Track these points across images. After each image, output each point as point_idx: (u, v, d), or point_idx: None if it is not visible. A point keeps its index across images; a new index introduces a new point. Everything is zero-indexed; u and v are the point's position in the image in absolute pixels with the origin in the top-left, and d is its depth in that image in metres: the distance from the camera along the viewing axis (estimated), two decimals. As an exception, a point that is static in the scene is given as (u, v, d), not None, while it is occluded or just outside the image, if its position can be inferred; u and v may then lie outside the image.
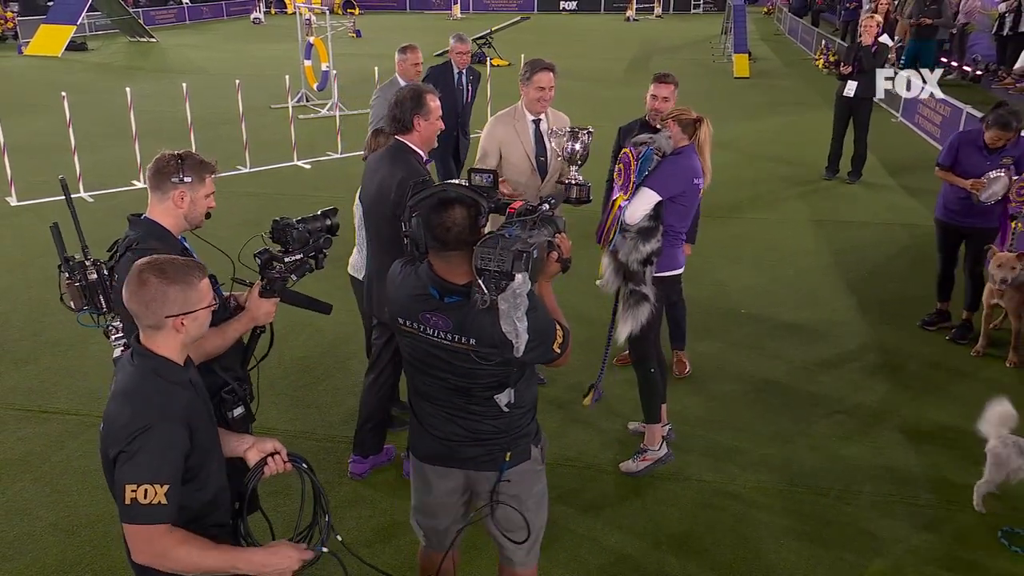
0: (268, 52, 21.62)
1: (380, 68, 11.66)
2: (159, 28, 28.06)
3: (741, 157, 10.58)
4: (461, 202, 2.27)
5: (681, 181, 3.67)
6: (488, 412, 2.43)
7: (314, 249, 2.71)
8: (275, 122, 12.19)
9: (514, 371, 2.38)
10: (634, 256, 3.67)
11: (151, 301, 2.04)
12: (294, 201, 8.59)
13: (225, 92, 13.11)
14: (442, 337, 2.33)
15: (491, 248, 2.15)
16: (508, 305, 2.18)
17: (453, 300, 2.30)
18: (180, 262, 2.09)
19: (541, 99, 4.25)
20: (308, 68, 14.02)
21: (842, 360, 5.25)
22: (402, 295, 2.41)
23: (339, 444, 4.32)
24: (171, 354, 2.11)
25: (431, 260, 2.35)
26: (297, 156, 10.17)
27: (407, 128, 3.54)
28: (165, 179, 2.65)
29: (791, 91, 15.83)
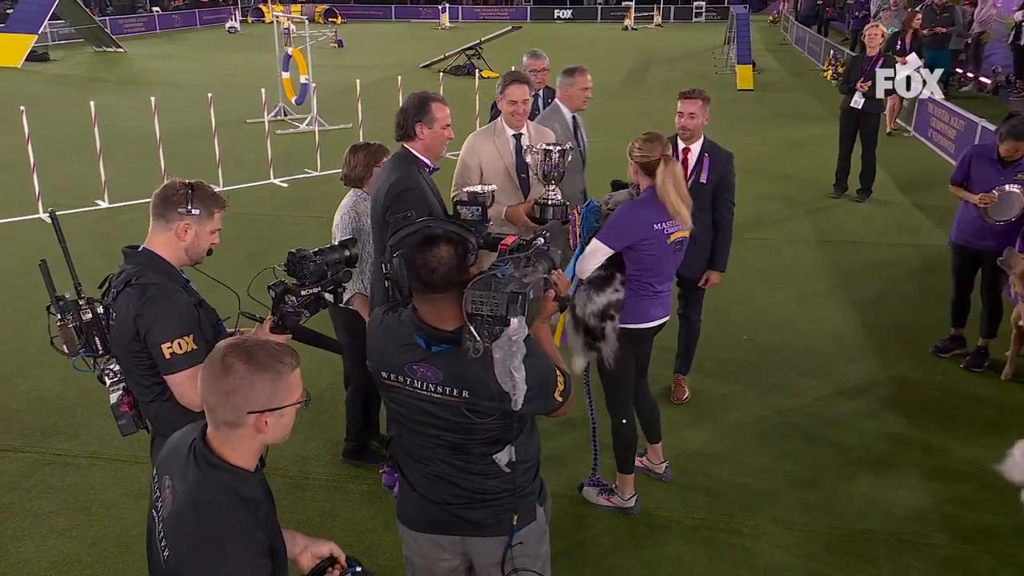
0: (244, 63, 21.80)
1: (363, 81, 11.78)
2: (127, 37, 28.28)
3: (743, 174, 10.59)
4: (447, 239, 2.22)
5: (637, 230, 3.56)
6: (489, 470, 2.36)
7: (332, 283, 2.70)
8: (250, 138, 12.29)
9: (514, 425, 2.31)
10: (589, 309, 3.60)
11: (234, 392, 1.84)
12: (270, 222, 8.66)
13: (197, 105, 13.19)
14: (432, 390, 2.26)
15: (483, 290, 2.08)
16: (503, 353, 2.11)
17: (442, 348, 2.24)
18: (272, 347, 1.91)
19: (515, 113, 4.34)
20: (286, 80, 14.17)
21: (851, 389, 5.31)
22: (385, 345, 2.33)
23: (321, 480, 4.34)
24: (247, 461, 1.91)
25: (416, 304, 2.29)
26: (274, 174, 10.27)
27: (409, 135, 3.65)
28: (171, 208, 2.66)
29: (797, 104, 16.07)
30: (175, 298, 2.63)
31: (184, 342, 2.59)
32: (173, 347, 2.59)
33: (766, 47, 26.01)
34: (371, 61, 22.77)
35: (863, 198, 9.41)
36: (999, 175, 5.28)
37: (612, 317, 3.63)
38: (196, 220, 2.68)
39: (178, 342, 2.59)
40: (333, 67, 20.31)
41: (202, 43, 28.32)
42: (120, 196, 9.26)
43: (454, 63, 20.38)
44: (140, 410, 2.81)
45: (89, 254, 6.98)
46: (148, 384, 2.72)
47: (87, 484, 4.33)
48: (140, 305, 2.60)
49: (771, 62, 22.53)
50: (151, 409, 2.78)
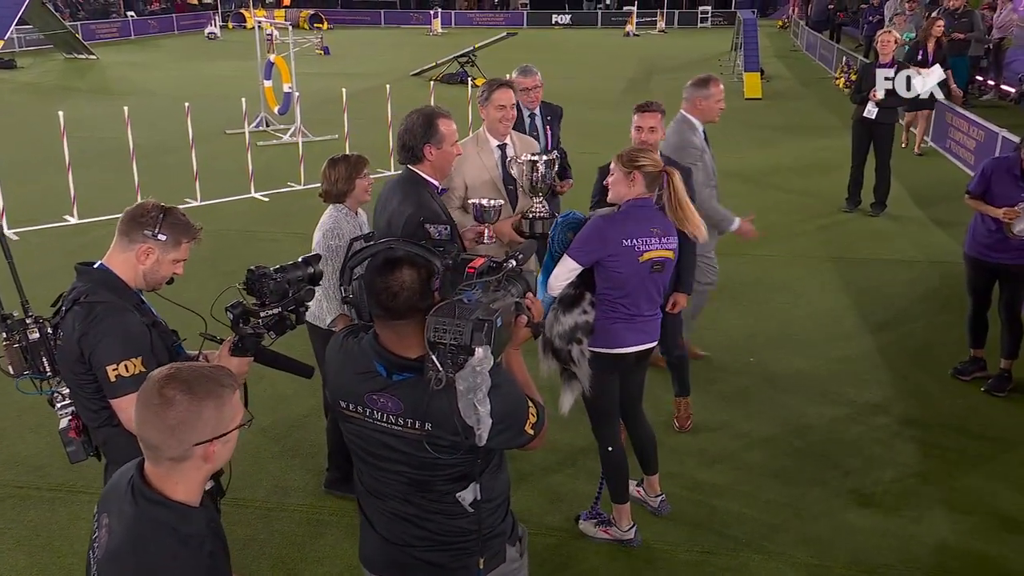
0: (224, 71, 21.93)
1: (350, 89, 11.87)
2: (100, 44, 28.47)
3: (750, 187, 10.77)
4: (410, 262, 2.21)
5: (604, 244, 3.57)
6: (453, 510, 2.33)
7: (294, 302, 2.69)
8: (230, 150, 12.34)
9: (478, 461, 2.27)
10: (556, 330, 3.61)
11: (179, 426, 1.82)
12: (248, 238, 8.69)
13: (174, 116, 13.23)
14: (392, 422, 2.24)
15: (447, 317, 2.06)
16: (467, 385, 2.08)
17: (403, 377, 2.22)
18: (208, 371, 1.90)
19: (503, 119, 4.39)
20: (268, 89, 14.26)
21: (865, 415, 5.32)
22: (344, 372, 2.32)
23: (300, 513, 4.33)
24: (191, 495, 1.89)
25: (377, 330, 2.28)
26: (254, 187, 10.31)
27: (417, 158, 3.64)
28: (138, 229, 2.68)
29: (808, 113, 16.20)
30: (124, 318, 2.63)
31: (131, 364, 2.59)
32: (119, 369, 2.59)
33: (775, 54, 26.25)
34: (358, 69, 22.92)
35: (877, 212, 9.46)
36: (1021, 191, 5.29)
37: (579, 340, 3.61)
38: (160, 246, 2.69)
39: (124, 364, 2.59)
40: (318, 75, 20.45)
41: (180, 50, 28.51)
42: (90, 211, 9.29)
43: (446, 71, 20.50)
44: (90, 436, 2.81)
45: (56, 272, 6.95)
46: (96, 408, 2.72)
47: (49, 520, 4.31)
48: (86, 324, 2.60)
49: (780, 69, 22.72)
50: (100, 435, 2.78)
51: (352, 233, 4.08)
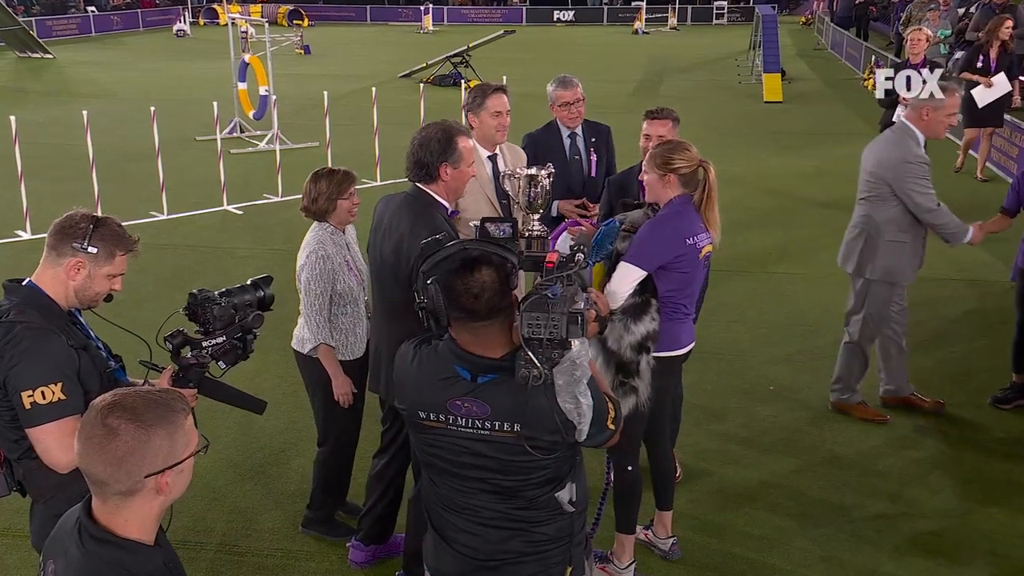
0: (194, 72, 22.05)
1: (333, 92, 11.94)
2: (57, 42, 28.64)
3: (770, 198, 10.82)
4: (488, 261, 2.35)
5: (669, 246, 3.71)
6: (541, 515, 2.45)
7: (241, 329, 2.68)
8: (201, 158, 12.40)
9: (576, 459, 2.45)
10: (627, 341, 3.70)
11: (127, 458, 1.82)
12: (221, 255, 8.72)
13: (138, 121, 13.32)
14: (479, 427, 2.36)
15: (540, 312, 2.23)
16: (567, 379, 2.25)
17: (489, 379, 2.35)
18: (156, 395, 1.90)
19: (500, 127, 4.42)
20: (243, 92, 14.34)
21: (898, 446, 5.32)
22: (421, 382, 2.43)
23: (272, 558, 4.33)
24: (144, 532, 1.88)
25: (455, 334, 2.41)
26: (227, 199, 10.35)
27: (431, 177, 3.62)
28: (66, 241, 2.68)
29: (833, 118, 16.32)
30: (45, 339, 2.61)
31: (49, 391, 2.56)
32: (35, 396, 2.56)
33: (797, 52, 26.45)
34: (342, 70, 23.06)
35: (912, 226, 9.48)
36: None
37: (648, 349, 3.74)
38: (91, 260, 2.68)
39: (41, 390, 2.55)
40: (298, 77, 20.58)
41: (145, 48, 28.68)
42: (45, 226, 9.04)
43: (438, 72, 20.63)
44: (12, 468, 2.78)
45: (8, 293, 6.99)
46: (15, 438, 2.71)
47: (-3, 565, 4.30)
48: (2, 346, 2.59)
49: (803, 70, 22.90)
50: (21, 468, 2.76)
51: (339, 254, 4.11)
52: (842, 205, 10.43)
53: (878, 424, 5.53)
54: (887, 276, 5.38)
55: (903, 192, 5.16)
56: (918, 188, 5.13)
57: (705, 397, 5.77)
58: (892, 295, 5.48)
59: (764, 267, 8.42)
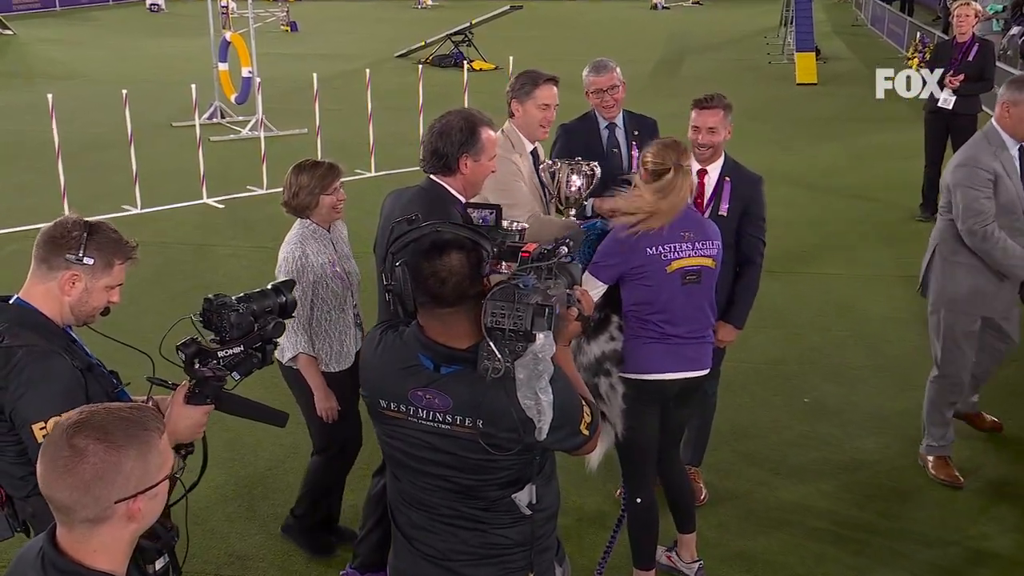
0: (170, 51, 22.06)
1: (322, 74, 11.96)
2: (18, 17, 28.65)
3: (804, 191, 10.80)
4: (459, 245, 2.41)
5: (623, 255, 3.68)
6: (503, 519, 2.52)
7: (260, 339, 2.67)
8: (178, 146, 12.41)
9: (536, 460, 2.48)
10: (579, 360, 3.65)
11: (95, 482, 1.81)
12: (201, 253, 8.74)
13: (109, 105, 13.31)
14: (440, 420, 2.43)
15: (505, 302, 2.28)
16: (527, 373, 2.29)
17: (452, 370, 2.43)
18: (127, 413, 1.90)
19: (545, 121, 4.43)
20: (224, 73, 14.36)
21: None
22: (384, 369, 2.52)
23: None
24: (115, 563, 1.87)
25: (421, 321, 2.48)
26: (207, 192, 10.36)
27: (449, 169, 3.63)
28: (58, 253, 2.65)
29: (873, 102, 16.13)
30: (51, 364, 2.60)
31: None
32: (47, 427, 2.53)
33: (833, 29, 26.38)
34: (332, 49, 23.07)
35: (957, 222, 9.46)
36: None
37: (608, 372, 3.69)
38: (88, 272, 2.67)
39: (54, 421, 2.50)
40: (284, 57, 20.58)
41: (116, 24, 28.71)
42: (4, 220, 9.35)
43: (437, 52, 20.64)
44: (15, 507, 2.78)
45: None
46: (22, 475, 2.69)
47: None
48: (4, 375, 2.57)
49: (840, 48, 22.84)
50: (28, 506, 2.75)
51: (320, 254, 4.12)
52: (884, 199, 10.46)
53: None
54: (954, 304, 5.00)
55: (954, 202, 4.85)
56: (966, 199, 4.74)
57: (732, 411, 5.76)
58: (967, 326, 5.04)
59: (797, 267, 8.40)
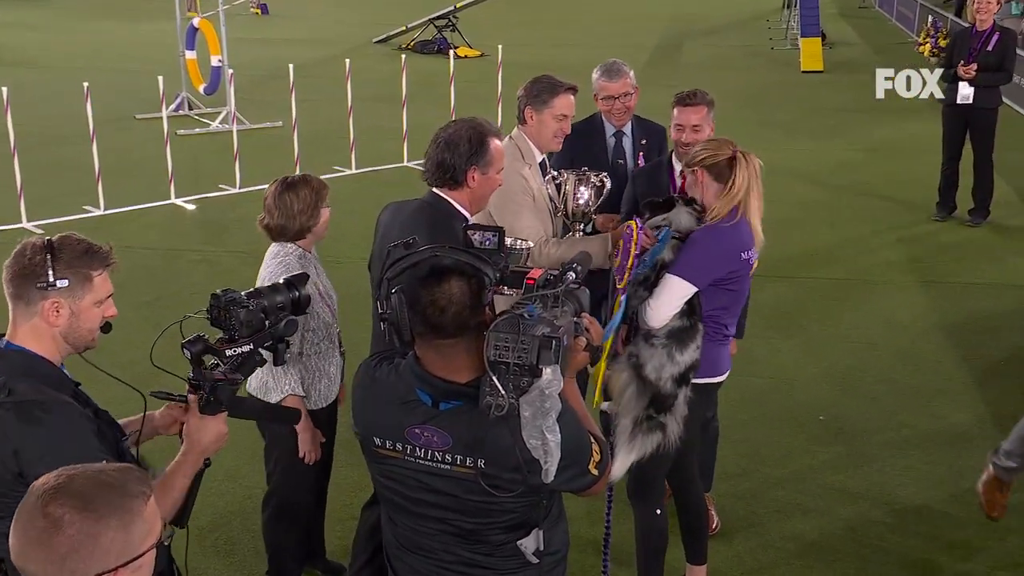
0: (133, 36, 21.98)
1: (297, 61, 11.87)
2: (-28, 1, 28.38)
3: (815, 188, 10.78)
4: (460, 272, 2.39)
5: (723, 259, 3.77)
6: (507, 563, 2.50)
7: (272, 337, 2.66)
8: (143, 141, 12.32)
9: (543, 503, 2.46)
10: (668, 372, 3.72)
11: (71, 554, 1.76)
12: (172, 259, 8.65)
13: (68, 96, 13.23)
14: (439, 460, 2.41)
15: (509, 333, 2.25)
16: (533, 410, 2.27)
17: (451, 406, 2.40)
18: (108, 478, 1.85)
19: (560, 132, 4.40)
20: (191, 62, 14.23)
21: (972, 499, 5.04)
22: (378, 405, 2.50)
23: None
24: None
25: (418, 352, 2.46)
26: (175, 191, 10.25)
27: (457, 182, 3.61)
28: (28, 285, 2.55)
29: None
30: (69, 414, 2.50)
31: None
32: None
33: (839, 12, 26.49)
34: (306, 34, 22.98)
35: (978, 221, 9.49)
36: None
37: (688, 381, 3.78)
38: (67, 294, 2.57)
39: None
40: (255, 42, 20.48)
41: (74, 7, 28.51)
42: None
43: (419, 37, 20.60)
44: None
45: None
46: None
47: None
48: (21, 435, 2.45)
49: (846, 32, 22.91)
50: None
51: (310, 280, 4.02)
52: (896, 195, 10.45)
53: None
54: None
55: None
56: None
57: (742, 429, 5.71)
58: None
59: (808, 271, 8.37)
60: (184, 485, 2.57)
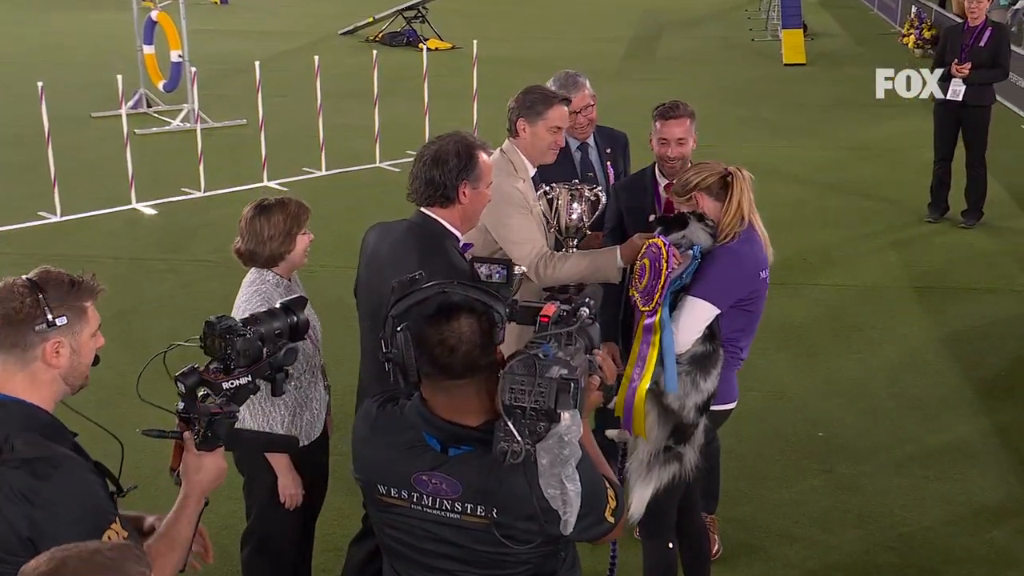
0: (89, 28, 21.71)
1: (258, 54, 11.73)
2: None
3: (803, 188, 10.79)
4: (470, 309, 2.36)
5: (744, 279, 3.80)
6: None
7: (271, 367, 2.61)
8: (100, 141, 12.16)
9: (560, 554, 2.45)
10: (692, 400, 3.72)
11: None
12: (134, 269, 8.51)
13: (17, 94, 13.03)
14: (448, 508, 2.38)
15: (525, 376, 2.21)
16: (551, 458, 2.23)
17: (461, 451, 2.37)
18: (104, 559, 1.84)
19: (554, 145, 4.34)
20: (150, 57, 14.08)
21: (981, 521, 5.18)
22: (382, 450, 2.47)
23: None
24: None
25: (426, 394, 2.42)
26: (136, 195, 10.09)
27: (449, 199, 3.58)
28: (23, 330, 2.46)
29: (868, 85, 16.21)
30: (72, 472, 2.40)
31: (112, 534, 2.37)
32: None
33: (820, 2, 26.55)
34: (268, 25, 22.83)
35: (971, 223, 9.51)
36: None
37: (708, 409, 3.78)
38: (67, 331, 2.50)
39: (107, 535, 2.36)
40: (215, 34, 20.26)
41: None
42: None
43: (387, 29, 20.47)
44: None
45: None
46: None
47: None
48: (28, 495, 2.34)
49: (828, 23, 23.01)
50: None
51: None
52: (889, 197, 10.46)
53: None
54: None
55: None
56: None
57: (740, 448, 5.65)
58: None
59: (801, 278, 8.34)
60: (189, 535, 2.52)
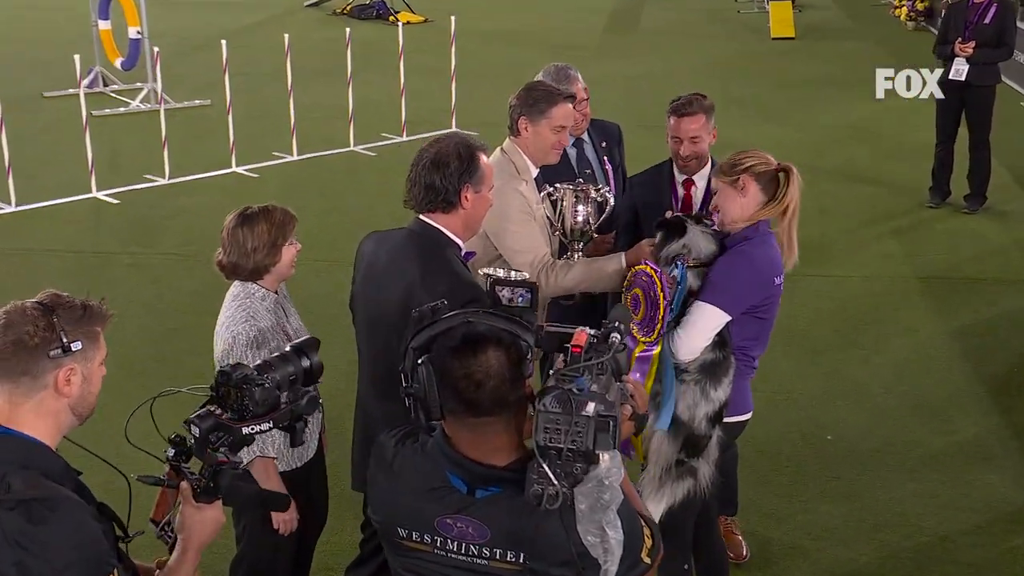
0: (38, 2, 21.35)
1: (222, 27, 11.53)
2: None
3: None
4: (496, 340, 2.30)
5: (758, 285, 3.75)
6: None
7: (291, 416, 2.54)
8: (54, 123, 12.02)
9: None
10: (703, 411, 3.70)
11: None
12: (95, 263, 8.39)
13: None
14: (475, 554, 2.33)
15: (561, 414, 2.13)
16: (590, 503, 2.17)
17: (489, 493, 2.32)
18: None
19: (558, 145, 4.29)
20: (106, 33, 13.91)
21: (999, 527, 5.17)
22: (402, 492, 2.41)
23: None
24: None
25: (449, 431, 2.37)
26: (96, 183, 9.93)
27: (450, 203, 3.52)
28: (37, 356, 2.37)
29: (859, 60, 16.24)
30: (77, 512, 2.31)
31: None
32: None
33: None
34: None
35: (975, 208, 9.51)
36: None
37: (721, 420, 3.76)
38: (81, 358, 2.42)
39: None
40: (175, 7, 19.92)
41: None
42: None
43: (355, 2, 20.33)
44: None
45: None
46: None
47: None
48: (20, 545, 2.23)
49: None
50: None
51: (276, 327, 3.82)
52: (887, 181, 10.43)
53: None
54: None
55: None
56: None
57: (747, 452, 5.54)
58: None
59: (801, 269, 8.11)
60: None
